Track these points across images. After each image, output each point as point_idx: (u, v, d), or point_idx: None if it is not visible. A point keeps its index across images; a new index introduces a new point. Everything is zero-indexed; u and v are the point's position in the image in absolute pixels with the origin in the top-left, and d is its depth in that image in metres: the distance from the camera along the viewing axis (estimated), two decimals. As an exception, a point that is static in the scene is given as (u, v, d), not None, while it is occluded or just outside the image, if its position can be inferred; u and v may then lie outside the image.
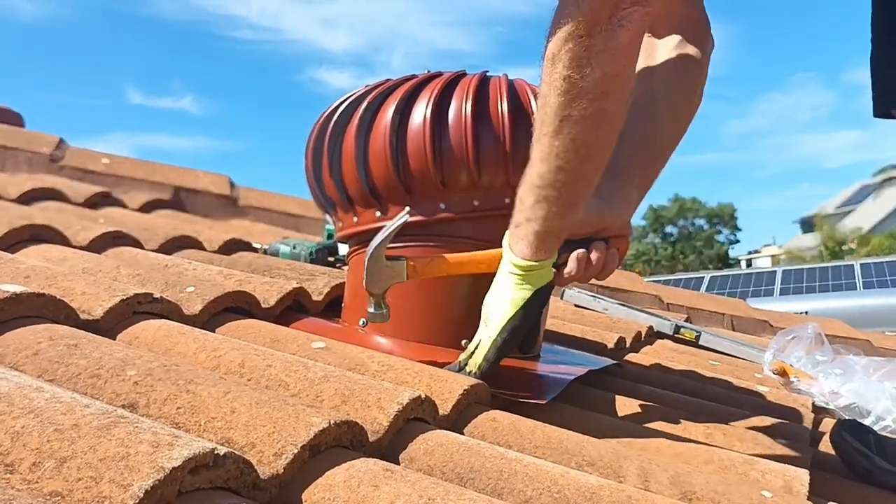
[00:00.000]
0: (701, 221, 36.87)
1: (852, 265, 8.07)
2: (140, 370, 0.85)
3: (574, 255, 1.19)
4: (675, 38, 1.32)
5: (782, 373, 1.89)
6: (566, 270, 1.20)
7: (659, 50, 1.33)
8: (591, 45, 1.03)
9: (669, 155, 1.33)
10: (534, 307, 1.19)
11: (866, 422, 1.52)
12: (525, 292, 1.17)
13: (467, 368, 1.19)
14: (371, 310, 1.27)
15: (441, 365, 1.21)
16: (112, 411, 0.68)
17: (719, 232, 36.97)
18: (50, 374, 0.85)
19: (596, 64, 1.04)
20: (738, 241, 37.89)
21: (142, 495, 0.57)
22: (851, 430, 1.29)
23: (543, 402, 1.18)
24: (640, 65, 1.26)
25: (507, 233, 1.19)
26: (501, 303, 1.18)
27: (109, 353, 0.89)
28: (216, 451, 0.64)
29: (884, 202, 29.03)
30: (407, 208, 1.28)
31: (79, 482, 0.59)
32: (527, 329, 1.20)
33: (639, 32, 1.06)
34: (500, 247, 1.26)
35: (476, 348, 1.20)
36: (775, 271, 8.47)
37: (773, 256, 32.34)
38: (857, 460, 1.25)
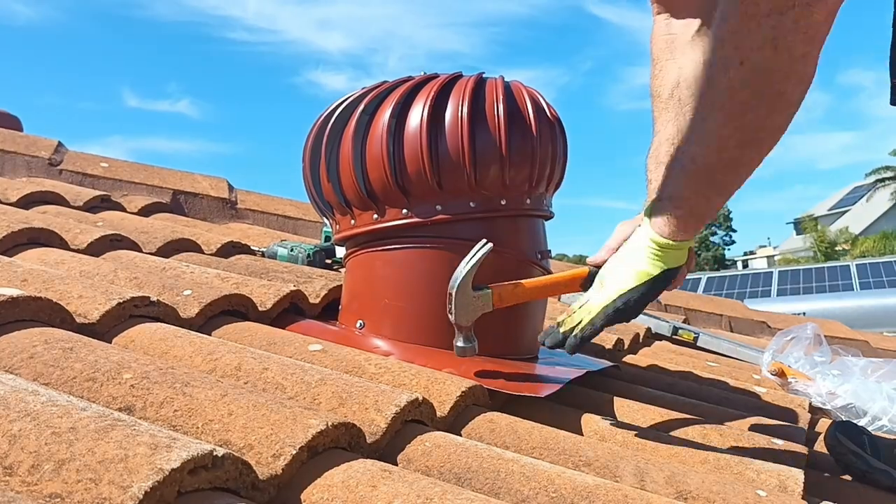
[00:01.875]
0: (696, 223, 36.90)
1: (848, 266, 8.12)
2: (136, 373, 0.85)
3: None
4: (695, 28, 1.24)
5: (780, 374, 1.90)
6: None
7: (679, 44, 1.27)
8: (780, 23, 0.94)
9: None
10: (656, 286, 1.12)
11: (862, 422, 1.53)
12: (655, 269, 1.11)
13: (562, 329, 1.14)
14: (460, 343, 1.24)
15: (439, 367, 1.21)
16: (109, 414, 0.69)
17: (714, 233, 37.04)
18: (45, 377, 0.85)
19: (783, 45, 0.95)
20: (733, 243, 38.01)
21: (141, 496, 0.58)
22: (846, 431, 1.28)
23: (540, 395, 1.19)
24: (661, 61, 1.27)
25: (648, 204, 1.14)
26: (626, 272, 1.12)
27: (105, 357, 0.89)
28: (214, 453, 0.65)
29: (876, 203, 29.05)
30: (484, 241, 1.24)
31: (78, 484, 0.60)
32: (642, 307, 1.14)
33: (837, 4, 0.95)
34: (501, 248, 1.28)
35: (580, 309, 1.14)
36: (772, 272, 8.51)
37: (768, 258, 32.37)
38: (852, 461, 1.25)
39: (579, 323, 1.13)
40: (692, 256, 1.18)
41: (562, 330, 1.14)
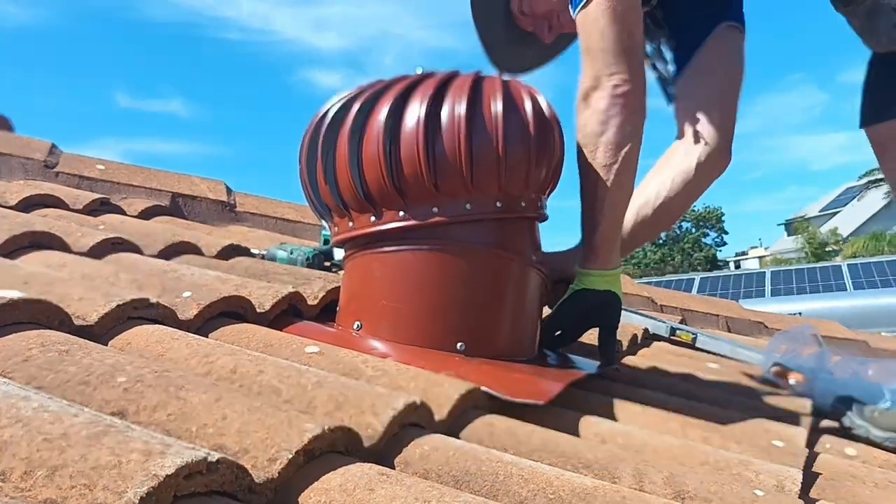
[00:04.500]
0: (688, 224, 37.05)
1: (840, 266, 8.14)
2: (130, 377, 0.85)
3: None
4: (693, 150, 1.70)
5: (780, 374, 1.90)
6: None
7: (677, 155, 1.71)
8: (582, 110, 1.47)
9: (638, 243, 1.78)
10: (569, 301, 1.51)
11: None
12: (577, 286, 1.51)
13: None
14: None
15: (437, 369, 1.21)
16: (101, 420, 0.68)
17: (706, 234, 37.16)
18: (38, 380, 0.84)
19: (584, 122, 1.46)
20: (725, 244, 38.13)
21: (137, 501, 0.57)
22: (841, 401, 1.60)
23: (542, 402, 1.19)
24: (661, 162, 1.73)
25: None
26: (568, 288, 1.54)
27: (100, 360, 0.88)
28: (209, 459, 0.64)
29: (867, 204, 29.05)
30: None
31: (72, 490, 0.59)
32: (565, 312, 1.53)
33: (615, 97, 1.44)
34: (498, 250, 1.37)
35: None
36: (765, 273, 8.54)
37: (760, 258, 32.39)
38: (840, 421, 1.56)
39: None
40: None
41: None
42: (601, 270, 1.50)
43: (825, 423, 1.62)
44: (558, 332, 1.57)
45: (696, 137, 1.69)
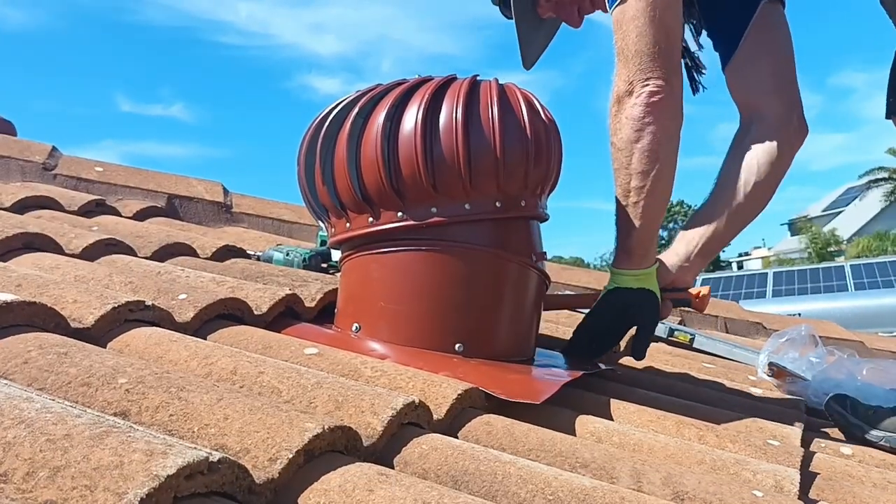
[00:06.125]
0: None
1: (843, 267, 8.13)
2: (131, 378, 0.85)
3: None
4: (766, 129, 1.63)
5: (777, 374, 1.90)
6: None
7: (751, 137, 1.65)
8: (616, 113, 1.44)
9: (735, 231, 1.66)
10: (610, 298, 1.53)
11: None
12: (611, 286, 1.53)
13: None
14: None
15: (435, 370, 1.21)
16: (104, 420, 0.68)
17: (710, 234, 37.11)
18: (40, 382, 0.84)
19: (621, 125, 1.43)
20: (728, 244, 38.13)
21: (137, 502, 0.57)
22: (836, 399, 1.58)
23: (538, 401, 1.19)
24: (734, 149, 1.66)
25: None
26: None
27: (100, 361, 0.88)
28: (210, 459, 0.64)
29: (869, 204, 29.08)
30: None
31: (73, 491, 0.59)
32: (600, 313, 1.56)
33: (649, 105, 1.40)
34: (497, 251, 1.36)
35: None
36: (767, 273, 8.54)
37: (763, 258, 32.42)
38: (837, 418, 1.55)
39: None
40: (667, 306, 1.59)
41: None
42: (635, 270, 1.50)
43: (820, 422, 1.62)
44: (595, 338, 1.57)
45: (767, 119, 1.63)
